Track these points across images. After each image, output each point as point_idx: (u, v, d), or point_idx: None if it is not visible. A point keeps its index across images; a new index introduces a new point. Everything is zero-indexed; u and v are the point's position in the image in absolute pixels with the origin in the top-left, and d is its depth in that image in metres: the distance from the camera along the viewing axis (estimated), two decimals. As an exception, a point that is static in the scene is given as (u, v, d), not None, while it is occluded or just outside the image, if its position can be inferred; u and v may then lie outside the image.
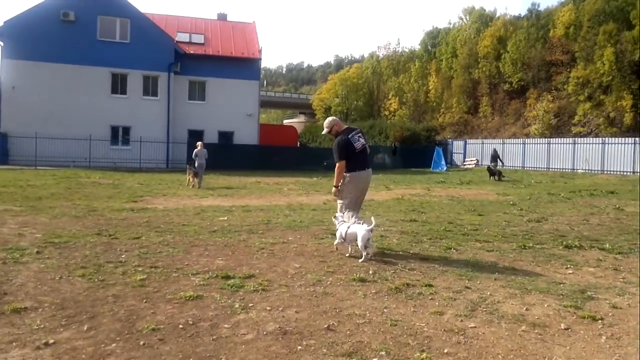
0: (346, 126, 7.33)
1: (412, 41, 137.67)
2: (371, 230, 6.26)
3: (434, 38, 69.44)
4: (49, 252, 6.34)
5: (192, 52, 33.42)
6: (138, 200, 13.55)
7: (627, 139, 29.30)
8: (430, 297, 4.89)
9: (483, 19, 62.22)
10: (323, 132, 7.59)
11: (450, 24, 71.79)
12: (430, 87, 62.32)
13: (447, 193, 18.09)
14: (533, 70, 50.50)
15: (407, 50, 74.10)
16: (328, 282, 5.33)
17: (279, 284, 5.23)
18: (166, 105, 32.53)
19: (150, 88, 32.47)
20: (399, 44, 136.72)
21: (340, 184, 7.07)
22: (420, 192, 18.38)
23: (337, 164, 7.01)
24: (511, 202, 14.79)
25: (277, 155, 33.67)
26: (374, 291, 5.05)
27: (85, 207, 11.40)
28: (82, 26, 30.80)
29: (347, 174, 7.00)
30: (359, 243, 6.20)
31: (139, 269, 5.64)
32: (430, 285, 5.28)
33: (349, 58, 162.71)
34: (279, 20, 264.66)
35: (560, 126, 46.00)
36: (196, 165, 19.14)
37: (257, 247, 6.90)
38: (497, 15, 62.37)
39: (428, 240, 7.98)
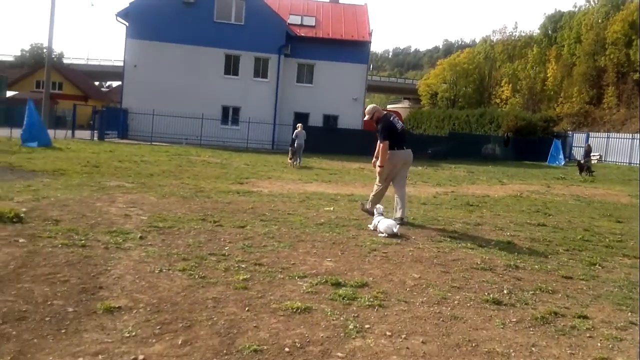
0: (385, 112, 8.39)
1: (530, 25, 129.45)
2: (395, 228, 6.98)
3: (556, 22, 64.50)
4: (152, 237, 6.11)
5: (303, 34, 33.33)
6: (244, 182, 13.43)
7: None
8: (587, 335, 3.97)
9: (613, 2, 56.54)
10: (365, 118, 8.62)
11: (575, 7, 66.35)
12: (548, 75, 58.01)
13: (570, 191, 16.36)
14: (670, 59, 45.16)
15: (524, 34, 69.53)
16: (455, 302, 4.55)
17: (397, 298, 4.54)
18: (275, 87, 32.78)
19: (260, 70, 32.88)
20: (516, 27, 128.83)
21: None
22: (539, 188, 16.79)
23: (381, 145, 7.97)
24: (649, 207, 12.96)
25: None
26: (514, 319, 4.20)
27: (193, 187, 11.39)
28: (201, 8, 31.71)
29: (391, 151, 8.02)
30: (383, 233, 6.95)
31: (242, 265, 5.20)
32: (585, 317, 4.33)
33: (459, 43, 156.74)
34: (388, 3, 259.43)
35: (701, 121, 40.92)
36: (295, 145, 20.74)
37: (368, 248, 6.24)
38: (631, -2, 56.41)
39: (565, 252, 6.89)
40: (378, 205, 7.66)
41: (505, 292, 4.92)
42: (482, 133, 40.67)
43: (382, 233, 6.96)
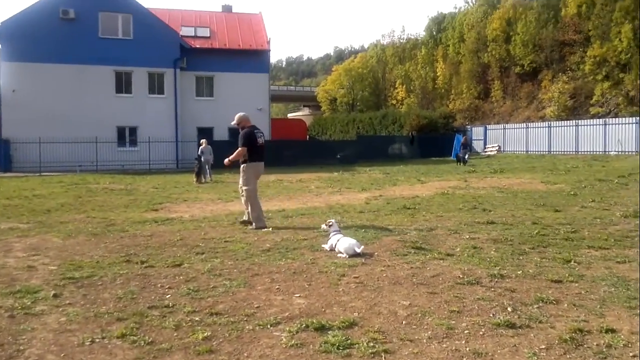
0: (252, 124, 8.97)
1: (416, 28, 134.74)
2: (358, 247, 6.22)
3: (439, 23, 67.42)
4: (69, 293, 4.86)
5: (198, 46, 31.91)
6: (159, 208, 12.10)
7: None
8: (631, 354, 3.39)
9: (490, 2, 60.20)
10: (232, 123, 9.08)
11: (455, 8, 69.98)
12: (438, 74, 60.50)
13: (488, 184, 16.57)
14: (545, 52, 48.64)
15: (412, 37, 72.24)
16: (465, 331, 3.83)
17: (398, 337, 3.73)
18: (173, 102, 31.05)
19: (156, 86, 30.99)
20: (403, 31, 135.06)
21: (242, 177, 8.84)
22: (458, 184, 16.86)
23: (240, 148, 8.68)
24: (570, 192, 13.28)
25: (289, 149, 32.29)
26: (542, 346, 3.54)
27: (101, 220, 9.94)
28: (83, 24, 29.28)
29: (249, 163, 8.71)
30: (343, 254, 6.19)
31: (196, 318, 4.15)
32: (612, 331, 3.78)
33: (349, 49, 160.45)
34: (277, 13, 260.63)
35: (577, 107, 44.25)
36: (202, 161, 20.66)
37: (336, 274, 5.39)
38: (504, -3, 60.38)
39: (532, 251, 6.47)
40: (330, 221, 6.83)
41: (509, 309, 4.28)
42: (386, 134, 41.34)
43: (343, 254, 6.16)
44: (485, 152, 35.94)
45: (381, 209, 10.90)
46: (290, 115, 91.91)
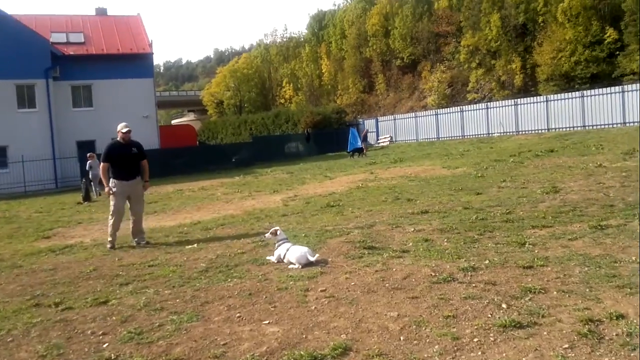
0: (123, 136, 8.24)
1: (298, 26, 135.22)
2: (311, 255, 5.62)
3: (320, 21, 68.31)
4: (-29, 360, 3.77)
5: (71, 53, 29.24)
6: (50, 235, 10.62)
7: (537, 97, 30.02)
8: (662, 341, 3.14)
9: (367, -2, 62.02)
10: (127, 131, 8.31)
11: (335, 5, 71.27)
12: (323, 71, 61.25)
13: (395, 174, 16.70)
14: (422, 44, 50.95)
15: (295, 35, 72.55)
16: (474, 340, 3.40)
17: (404, 357, 3.21)
18: (47, 116, 28.20)
19: (26, 99, 27.92)
20: (286, 29, 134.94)
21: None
22: (366, 176, 16.83)
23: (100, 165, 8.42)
24: (477, 175, 13.64)
25: (180, 157, 30.78)
26: (564, 345, 3.20)
27: (-16, 257, 8.40)
28: None
29: (113, 180, 8.18)
30: (295, 264, 5.58)
31: (153, 370, 3.33)
32: (622, 316, 3.54)
33: (230, 50, 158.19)
34: (151, 16, 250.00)
35: (454, 95, 46.91)
36: (90, 176, 19.42)
37: (297, 289, 4.76)
38: (381, -7, 62.45)
39: (481, 237, 6.29)
40: (275, 228, 6.16)
41: (504, 306, 3.94)
42: (281, 133, 40.90)
43: (294, 264, 5.53)
44: (379, 143, 36.77)
45: (304, 210, 10.37)
46: (174, 122, 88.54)
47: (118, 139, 8.34)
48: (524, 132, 28.97)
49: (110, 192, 8.20)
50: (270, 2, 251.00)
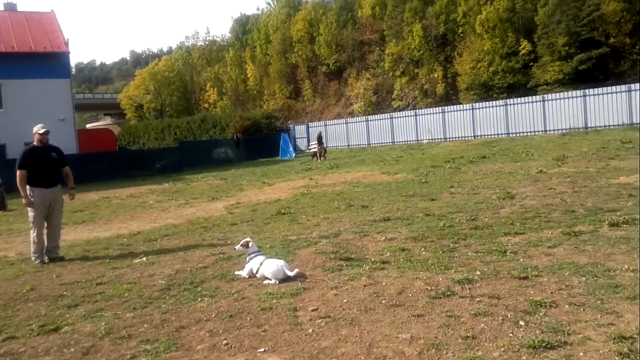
0: (39, 140, 7.43)
1: (221, 29, 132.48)
2: (289, 269, 5.18)
3: (244, 25, 67.40)
4: None
5: (-24, 50, 26.66)
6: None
7: (464, 105, 31.01)
8: None
9: (291, 3, 61.95)
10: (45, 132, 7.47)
11: (258, 9, 70.60)
12: (248, 75, 60.42)
13: (336, 180, 16.42)
14: (348, 51, 51.51)
15: (217, 38, 71.15)
16: (508, 362, 3.07)
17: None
18: (-52, 118, 25.50)
19: None
20: (208, 32, 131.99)
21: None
22: (307, 182, 16.43)
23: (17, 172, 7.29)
24: (421, 180, 13.66)
25: (100, 163, 29.01)
26: (612, 365, 2.93)
27: None
28: None
29: (31, 188, 7.28)
30: (271, 280, 5.08)
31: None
32: (651, 329, 3.34)
33: (147, 52, 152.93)
34: (63, 15, 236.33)
35: (380, 102, 47.78)
36: None
37: (284, 308, 4.25)
38: None
39: (456, 245, 6.07)
40: (246, 240, 5.60)
41: (521, 323, 3.66)
42: (207, 138, 39.68)
43: (270, 279, 5.00)
44: (310, 149, 36.52)
45: (254, 218, 9.79)
46: (89, 126, 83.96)
47: (34, 142, 7.45)
48: (451, 139, 29.81)
49: (31, 202, 7.25)
50: (190, 4, 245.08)
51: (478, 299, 4.17)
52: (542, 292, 4.23)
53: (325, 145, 28.54)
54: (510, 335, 3.46)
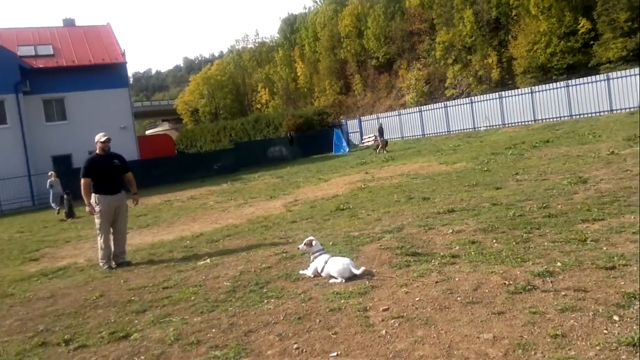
0: (100, 148, 7.56)
1: (270, 30, 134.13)
2: (355, 268, 4.96)
3: (292, 25, 67.66)
4: None
5: (41, 66, 27.97)
6: (38, 256, 9.73)
7: (522, 89, 29.90)
8: None
9: (338, 0, 61.69)
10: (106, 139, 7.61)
11: (305, 8, 70.65)
12: (298, 74, 60.64)
13: (393, 172, 16.12)
14: (397, 42, 50.69)
15: (266, 40, 71.83)
16: (609, 363, 2.77)
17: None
18: (20, 132, 26.90)
19: (-4, 115, 26.62)
20: (257, 34, 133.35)
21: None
22: (363, 176, 16.20)
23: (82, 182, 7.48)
24: (482, 169, 13.15)
25: (160, 167, 29.86)
26: None
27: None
28: None
29: (95, 195, 7.39)
30: (337, 278, 4.91)
31: None
32: None
33: (200, 58, 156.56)
34: (119, 27, 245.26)
35: (433, 91, 46.73)
36: (52, 196, 18.76)
37: (353, 309, 4.08)
38: (351, -6, 62.17)
39: (530, 235, 5.71)
40: (310, 238, 5.45)
41: (615, 318, 3.34)
42: (261, 138, 40.10)
43: (337, 278, 4.85)
44: (363, 143, 36.25)
45: (313, 215, 9.68)
46: (148, 132, 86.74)
47: (97, 150, 7.60)
48: (510, 125, 28.76)
49: (94, 210, 7.40)
50: (239, 8, 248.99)
51: (563, 293, 3.86)
52: (633, 283, 3.87)
53: (386, 138, 28.10)
54: (605, 331, 3.15)
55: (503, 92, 30.33)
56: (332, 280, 4.89)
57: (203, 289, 5.34)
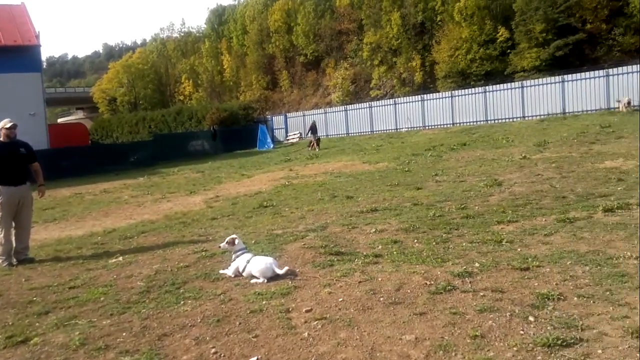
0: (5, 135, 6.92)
1: (197, 20, 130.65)
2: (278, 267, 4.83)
3: (220, 16, 66.31)
4: None
5: (-58, 44, 25.55)
6: None
7: (443, 93, 30.92)
8: None
9: (270, -6, 61.19)
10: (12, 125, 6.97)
11: (235, 0, 69.40)
12: (225, 67, 59.56)
13: (317, 170, 16.13)
14: (325, 41, 51.06)
15: (193, 30, 69.95)
16: (526, 364, 2.82)
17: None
18: None
19: None
20: (183, 24, 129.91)
21: None
22: (287, 173, 16.10)
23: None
24: (404, 169, 13.43)
25: (72, 157, 28.24)
26: (638, 365, 2.70)
27: None
28: None
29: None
30: (259, 278, 4.75)
31: None
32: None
33: (121, 45, 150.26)
34: (34, 7, 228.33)
35: (358, 91, 47.54)
36: None
37: (275, 310, 3.94)
38: (282, -11, 61.82)
39: (449, 235, 5.84)
40: (232, 236, 5.23)
41: (531, 319, 3.42)
42: (183, 131, 38.95)
43: (259, 279, 4.69)
44: (288, 140, 36.14)
45: (235, 212, 9.44)
46: (60, 120, 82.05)
47: (1, 138, 6.95)
48: (430, 127, 29.72)
49: None
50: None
51: (481, 294, 3.93)
52: (547, 284, 4.01)
53: (318, 135, 27.91)
54: (521, 332, 3.22)
55: (425, 95, 31.28)
56: (253, 280, 4.73)
57: (114, 289, 5.00)
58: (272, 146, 32.56)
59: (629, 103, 22.14)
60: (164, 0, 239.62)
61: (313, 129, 27.69)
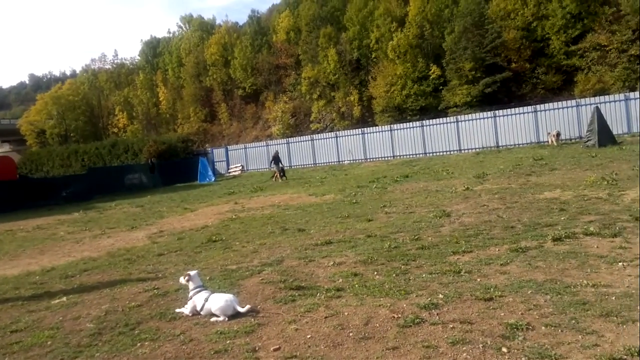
0: None
1: (130, 52, 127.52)
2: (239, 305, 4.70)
3: (155, 48, 65.47)
4: None
5: None
6: None
7: (382, 127, 31.67)
8: None
9: (204, 27, 61.21)
10: None
11: (169, 32, 68.85)
12: (160, 99, 58.59)
13: (263, 203, 15.95)
14: (264, 75, 51.45)
15: (127, 61, 68.55)
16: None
17: None
18: None
19: None
20: (116, 55, 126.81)
21: None
22: (233, 206, 15.81)
23: None
24: (351, 201, 13.51)
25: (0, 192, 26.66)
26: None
27: None
28: None
29: None
30: (220, 316, 4.58)
31: None
32: (635, 351, 3.23)
33: (48, 76, 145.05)
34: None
35: (298, 124, 47.97)
36: None
37: (241, 350, 3.76)
38: (218, 23, 62.06)
39: (407, 267, 5.87)
40: (189, 273, 5.01)
41: (504, 350, 3.45)
42: (119, 164, 37.67)
43: (219, 317, 4.49)
44: (229, 172, 35.71)
45: (184, 247, 9.12)
46: (-17, 154, 77.43)
47: None
48: (372, 159, 30.27)
49: None
50: (96, 26, 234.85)
51: (451, 326, 3.93)
52: (512, 314, 4.07)
53: (282, 165, 26.69)
54: (499, 365, 3.23)
55: (365, 129, 31.95)
56: (213, 319, 4.52)
57: (61, 331, 4.64)
58: (213, 179, 32.02)
59: (557, 135, 23.50)
60: (94, 31, 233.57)
61: (276, 159, 26.48)
